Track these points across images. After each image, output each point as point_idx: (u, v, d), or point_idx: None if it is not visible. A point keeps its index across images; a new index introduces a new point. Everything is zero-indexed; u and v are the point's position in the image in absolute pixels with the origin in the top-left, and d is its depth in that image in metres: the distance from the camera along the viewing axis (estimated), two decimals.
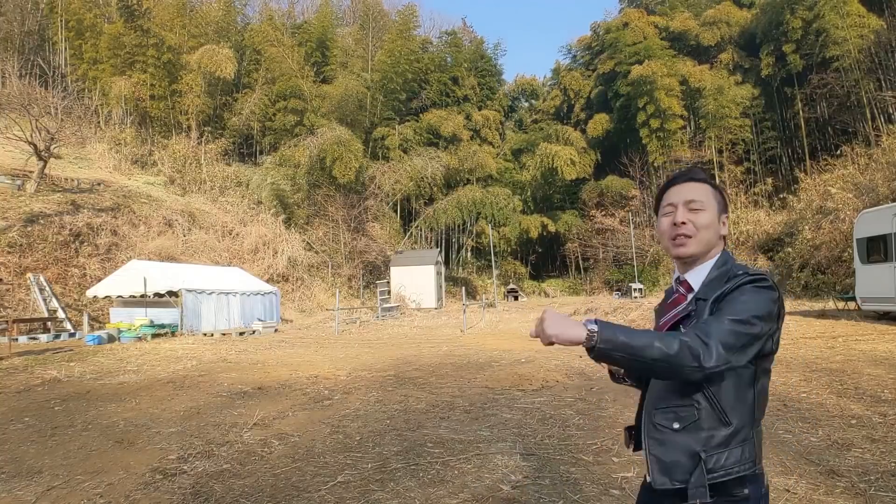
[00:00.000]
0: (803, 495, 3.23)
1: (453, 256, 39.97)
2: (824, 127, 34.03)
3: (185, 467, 4.03)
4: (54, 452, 4.48)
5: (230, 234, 24.11)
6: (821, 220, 23.31)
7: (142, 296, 14.44)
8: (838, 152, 28.09)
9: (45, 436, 4.99)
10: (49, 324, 14.50)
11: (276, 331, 16.03)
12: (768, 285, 1.31)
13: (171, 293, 14.85)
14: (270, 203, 27.68)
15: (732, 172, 35.03)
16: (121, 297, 14.98)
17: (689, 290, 1.44)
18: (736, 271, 1.37)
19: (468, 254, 41.37)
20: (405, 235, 35.48)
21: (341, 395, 6.53)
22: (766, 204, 32.97)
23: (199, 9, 34.96)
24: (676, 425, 1.32)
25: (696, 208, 1.43)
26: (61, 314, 15.00)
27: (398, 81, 36.83)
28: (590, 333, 1.19)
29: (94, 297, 15.62)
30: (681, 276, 1.48)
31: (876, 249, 12.37)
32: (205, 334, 14.62)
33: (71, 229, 17.82)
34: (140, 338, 13.35)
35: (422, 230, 36.37)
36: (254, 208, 27.36)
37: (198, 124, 30.85)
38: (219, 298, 15.95)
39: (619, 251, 35.75)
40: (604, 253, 37.24)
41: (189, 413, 5.78)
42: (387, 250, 32.08)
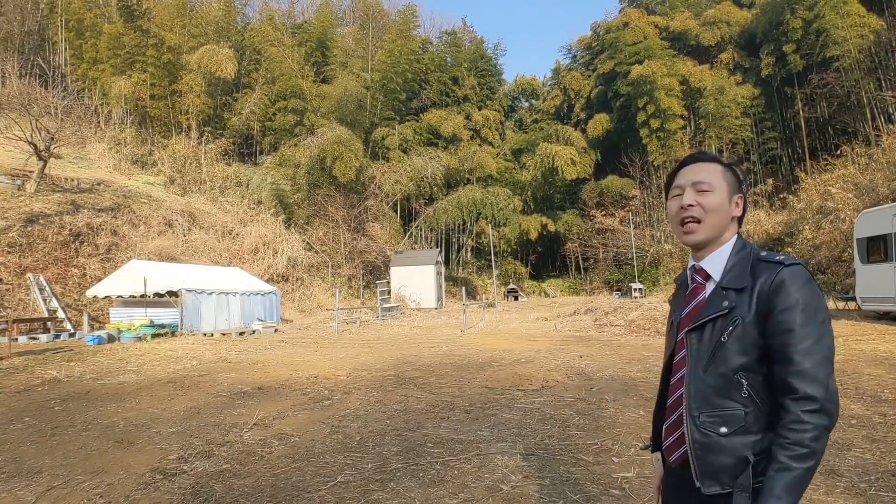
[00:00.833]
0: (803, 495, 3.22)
1: (453, 256, 39.97)
2: (824, 127, 34.03)
3: (185, 467, 4.03)
4: (54, 452, 4.48)
5: (230, 234, 24.11)
6: (821, 220, 23.31)
7: (142, 296, 14.44)
8: (838, 152, 28.08)
9: (45, 436, 4.99)
10: (49, 324, 14.49)
11: (276, 331, 16.02)
12: (809, 277, 1.28)
13: (171, 293, 14.85)
14: (270, 203, 27.69)
15: None
16: (121, 297, 14.99)
17: (706, 279, 1.41)
18: (759, 254, 1.34)
19: (468, 254, 41.36)
20: (405, 235, 35.47)
21: (341, 395, 6.53)
22: (766, 204, 32.94)
23: (199, 9, 34.95)
24: (724, 429, 1.28)
25: (704, 189, 1.39)
26: (61, 314, 15.00)
27: (398, 81, 36.80)
28: None
29: (94, 297, 15.62)
30: (696, 265, 1.44)
31: (876, 249, 12.37)
32: (205, 334, 14.62)
33: (71, 229, 17.82)
34: (140, 338, 13.35)
35: (422, 230, 36.36)
36: (254, 208, 27.37)
37: (198, 124, 30.85)
38: (219, 298, 15.95)
39: (619, 251, 35.74)
40: (604, 253, 37.22)
41: (189, 413, 5.78)
42: (387, 250, 32.07)
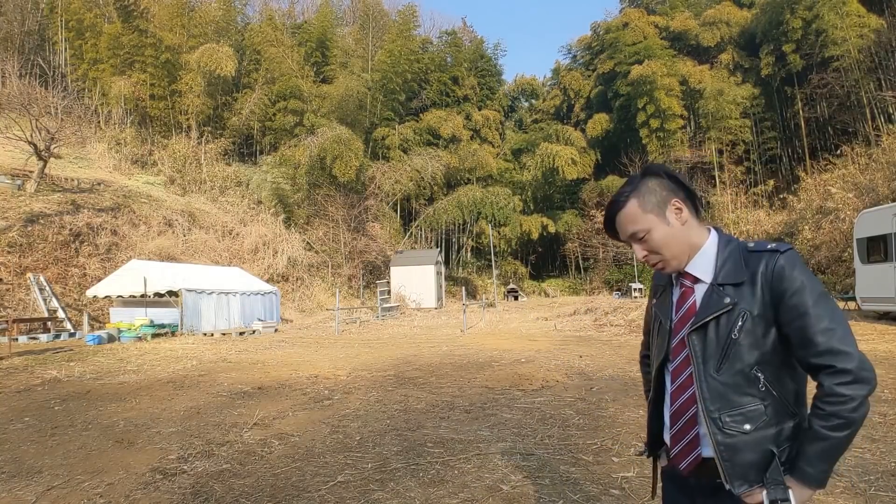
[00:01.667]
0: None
1: (453, 256, 39.96)
2: (824, 127, 34.04)
3: (185, 467, 4.03)
4: (54, 452, 4.48)
5: (230, 234, 24.11)
6: (821, 220, 23.33)
7: (142, 296, 14.44)
8: (838, 152, 28.10)
9: (45, 436, 4.99)
10: (49, 324, 14.49)
11: (276, 331, 16.03)
12: (802, 259, 1.31)
13: (171, 293, 14.85)
14: (270, 203, 27.68)
15: (732, 172, 35.00)
16: (121, 296, 14.99)
17: (694, 282, 1.41)
18: (748, 246, 1.35)
19: (468, 254, 41.36)
20: (405, 235, 35.47)
21: (341, 395, 6.53)
22: (766, 204, 32.96)
23: (198, 8, 34.89)
24: (748, 427, 1.28)
25: (641, 237, 1.39)
26: (61, 314, 15.00)
27: (398, 81, 36.81)
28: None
29: (94, 296, 15.63)
30: (682, 269, 1.43)
31: (876, 249, 12.36)
32: (205, 334, 14.62)
33: (71, 229, 17.81)
34: (140, 338, 13.35)
35: (422, 230, 36.37)
36: (254, 208, 27.36)
37: (198, 124, 30.84)
38: (219, 298, 15.95)
39: (619, 251, 35.75)
40: (604, 253, 37.26)
41: (189, 413, 5.78)
42: (387, 250, 32.07)
